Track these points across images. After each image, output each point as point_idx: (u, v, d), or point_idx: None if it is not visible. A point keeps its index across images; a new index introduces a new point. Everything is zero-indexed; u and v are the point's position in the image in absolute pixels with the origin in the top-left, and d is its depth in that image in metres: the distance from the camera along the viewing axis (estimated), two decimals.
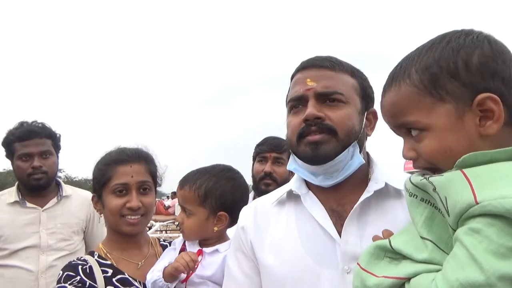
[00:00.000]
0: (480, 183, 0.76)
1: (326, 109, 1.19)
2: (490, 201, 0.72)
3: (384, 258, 0.92)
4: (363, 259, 0.95)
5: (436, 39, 0.91)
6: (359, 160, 1.21)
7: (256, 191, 2.54)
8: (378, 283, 0.87)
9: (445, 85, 0.85)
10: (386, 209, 1.18)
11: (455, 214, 0.77)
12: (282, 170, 2.45)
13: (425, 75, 0.87)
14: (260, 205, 1.36)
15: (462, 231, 0.75)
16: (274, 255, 1.21)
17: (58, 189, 2.74)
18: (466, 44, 0.85)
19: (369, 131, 1.29)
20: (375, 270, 0.90)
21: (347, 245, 1.14)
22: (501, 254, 0.70)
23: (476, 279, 0.70)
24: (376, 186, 1.20)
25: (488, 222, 0.72)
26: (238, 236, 1.34)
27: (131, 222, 1.64)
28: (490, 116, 0.83)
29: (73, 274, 1.55)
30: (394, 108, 0.93)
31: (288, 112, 1.27)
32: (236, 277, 1.29)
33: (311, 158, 1.19)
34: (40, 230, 2.55)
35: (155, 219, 11.60)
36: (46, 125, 2.68)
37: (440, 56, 0.86)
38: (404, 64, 0.92)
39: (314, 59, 1.27)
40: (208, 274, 1.53)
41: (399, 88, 0.91)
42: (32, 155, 2.56)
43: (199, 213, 1.59)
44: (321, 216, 1.20)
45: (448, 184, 0.80)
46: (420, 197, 0.89)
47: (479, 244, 0.71)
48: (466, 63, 0.84)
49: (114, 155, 1.71)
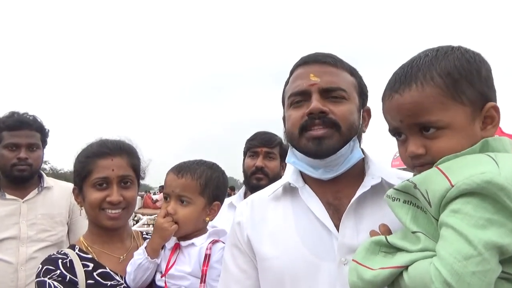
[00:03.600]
0: (452, 171, 0.90)
1: (330, 104, 1.22)
2: (463, 180, 0.85)
3: (379, 252, 0.99)
4: (359, 254, 1.01)
5: (446, 48, 1.03)
6: (359, 154, 1.26)
7: (248, 186, 2.55)
8: (375, 274, 0.94)
9: (465, 90, 0.97)
10: (381, 203, 1.19)
11: (436, 202, 0.90)
12: (274, 165, 2.47)
13: (448, 79, 0.97)
14: (256, 200, 1.39)
15: (445, 215, 0.87)
16: (272, 248, 1.24)
17: (40, 180, 2.71)
18: (476, 59, 1.00)
19: (364, 128, 1.34)
20: (371, 264, 0.97)
21: (345, 238, 1.17)
22: (481, 226, 0.82)
23: (467, 251, 0.81)
24: (373, 181, 1.24)
25: (464, 201, 0.85)
26: (234, 231, 1.36)
27: (112, 216, 1.62)
28: (489, 121, 0.99)
29: (53, 268, 1.53)
30: (416, 107, 0.99)
31: (288, 106, 1.29)
32: (232, 272, 1.32)
33: (315, 152, 1.22)
34: (20, 222, 2.52)
35: (143, 213, 11.56)
36: (38, 118, 2.65)
37: (459, 64, 0.98)
38: (421, 66, 1.00)
39: (316, 55, 1.30)
40: (188, 270, 1.55)
41: (422, 88, 0.98)
42: (19, 146, 2.53)
43: (198, 202, 1.62)
44: (318, 209, 1.24)
45: (427, 179, 0.94)
46: (403, 199, 1.01)
47: (461, 221, 0.84)
48: (479, 74, 0.98)
49: (95, 147, 1.68)
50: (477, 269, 0.80)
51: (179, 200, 1.61)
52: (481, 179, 0.84)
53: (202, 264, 1.53)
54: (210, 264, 1.53)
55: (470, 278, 0.80)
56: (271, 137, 2.51)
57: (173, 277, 1.55)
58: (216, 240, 1.61)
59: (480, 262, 0.80)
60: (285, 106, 1.32)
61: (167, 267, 1.57)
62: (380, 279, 0.94)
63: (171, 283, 1.55)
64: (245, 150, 2.59)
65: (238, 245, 1.33)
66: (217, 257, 1.54)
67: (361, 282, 0.97)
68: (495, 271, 0.82)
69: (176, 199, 1.61)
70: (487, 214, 0.83)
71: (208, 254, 1.54)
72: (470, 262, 0.80)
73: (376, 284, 0.95)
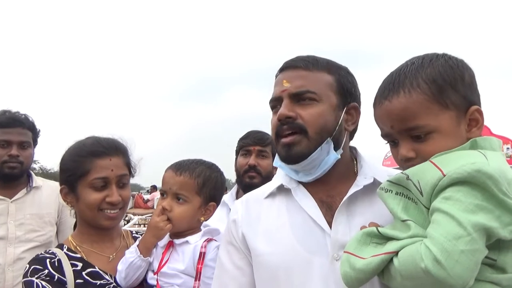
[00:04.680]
0: (444, 163, 0.97)
1: (299, 108, 1.25)
2: (455, 170, 0.92)
3: (370, 243, 1.04)
4: (351, 245, 1.06)
5: (431, 55, 1.09)
6: (334, 157, 1.27)
7: (240, 184, 2.53)
8: (367, 263, 0.98)
9: (450, 95, 1.03)
10: (372, 201, 1.23)
11: (428, 191, 0.96)
12: (266, 163, 2.46)
13: (433, 85, 1.03)
14: (251, 199, 1.41)
15: (437, 202, 0.93)
16: (267, 245, 1.26)
17: (28, 180, 2.68)
18: (458, 65, 1.07)
19: (349, 126, 1.32)
20: (362, 254, 1.01)
21: (337, 234, 1.20)
22: (471, 210, 0.89)
23: (457, 231, 0.87)
24: (365, 181, 1.26)
25: (455, 189, 0.92)
26: (229, 229, 1.37)
27: (111, 216, 1.60)
28: (474, 124, 1.05)
29: (41, 268, 1.50)
30: (405, 112, 1.04)
31: (272, 112, 1.34)
32: (228, 269, 1.33)
33: (285, 158, 1.27)
34: (8, 221, 2.49)
35: (134, 213, 11.48)
36: (29, 117, 2.64)
37: (443, 71, 1.04)
38: (408, 74, 1.06)
39: (291, 60, 1.32)
40: (181, 268, 1.54)
41: (409, 95, 1.04)
42: (11, 143, 2.51)
43: (194, 201, 1.61)
44: (311, 208, 1.26)
45: (419, 170, 1.00)
46: (395, 191, 1.06)
47: (453, 206, 0.90)
48: (462, 79, 1.05)
49: (90, 146, 1.64)
50: (466, 248, 0.86)
51: (176, 198, 1.61)
52: (472, 168, 0.91)
53: (197, 262, 1.52)
54: (205, 262, 1.52)
55: (459, 255, 0.85)
56: (263, 136, 2.50)
57: (166, 275, 1.54)
58: (211, 239, 1.61)
59: (469, 242, 0.86)
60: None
61: (160, 265, 1.56)
62: (371, 267, 0.97)
63: (163, 281, 1.53)
64: (237, 149, 2.57)
65: (233, 242, 1.34)
66: (211, 256, 1.53)
67: (353, 271, 1.01)
68: (482, 251, 0.89)
69: (172, 196, 1.61)
70: (476, 201, 0.90)
71: (203, 252, 1.53)
72: (460, 241, 0.86)
73: (368, 272, 0.98)
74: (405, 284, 0.95)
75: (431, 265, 0.86)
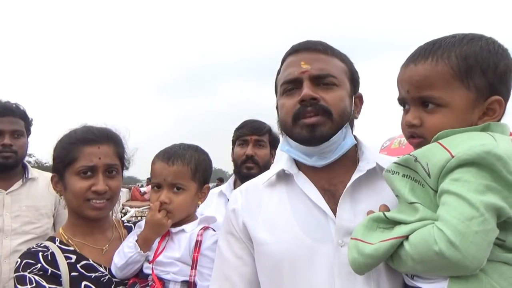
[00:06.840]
0: (453, 144, 0.97)
1: (321, 91, 1.23)
2: (464, 151, 0.93)
3: (377, 229, 1.03)
4: (358, 231, 1.05)
5: (475, 35, 1.07)
6: (352, 141, 1.28)
7: (238, 175, 2.51)
8: (376, 248, 0.98)
9: (475, 78, 1.02)
10: (376, 187, 1.24)
11: (436, 172, 0.96)
12: (264, 153, 2.45)
13: (463, 62, 1.02)
14: (250, 187, 1.40)
15: (446, 183, 0.94)
16: (269, 233, 1.24)
17: (24, 171, 2.65)
18: (498, 52, 1.04)
19: (356, 114, 1.34)
20: (371, 240, 1.01)
21: (342, 220, 1.19)
22: (480, 191, 0.89)
23: (469, 212, 0.87)
24: (368, 165, 1.26)
25: (464, 170, 0.92)
26: (228, 219, 1.35)
27: (97, 206, 1.55)
28: (490, 113, 1.04)
29: (33, 262, 1.45)
30: (424, 80, 1.05)
31: (281, 95, 1.31)
32: (228, 259, 1.32)
33: (308, 139, 1.23)
34: (4, 214, 2.47)
35: (131, 205, 11.45)
36: (20, 106, 2.59)
37: (479, 52, 1.03)
38: (443, 45, 1.05)
39: (306, 43, 1.30)
40: (177, 256, 1.52)
41: (435, 64, 1.04)
42: (3, 133, 2.47)
43: (191, 188, 1.60)
44: (314, 194, 1.25)
45: (428, 152, 1.00)
46: (402, 173, 1.05)
47: (462, 187, 0.90)
48: (496, 67, 1.03)
49: (80, 133, 1.60)
50: (480, 229, 0.86)
51: (172, 188, 1.58)
52: (481, 149, 0.92)
53: (193, 250, 1.51)
54: (201, 251, 1.51)
55: (473, 237, 0.86)
56: (260, 125, 2.49)
57: (162, 263, 1.52)
58: (207, 227, 1.59)
59: (482, 222, 0.87)
60: (278, 95, 1.34)
61: (156, 254, 1.54)
62: (381, 252, 0.97)
63: (159, 269, 1.52)
64: (234, 139, 2.55)
65: (233, 232, 1.32)
66: (208, 244, 1.52)
67: (362, 257, 1.00)
68: (495, 231, 0.89)
69: (169, 187, 1.58)
70: (485, 181, 0.90)
71: (199, 240, 1.52)
72: (473, 222, 0.86)
73: (377, 257, 0.98)
74: (416, 268, 0.95)
75: (445, 247, 0.86)
